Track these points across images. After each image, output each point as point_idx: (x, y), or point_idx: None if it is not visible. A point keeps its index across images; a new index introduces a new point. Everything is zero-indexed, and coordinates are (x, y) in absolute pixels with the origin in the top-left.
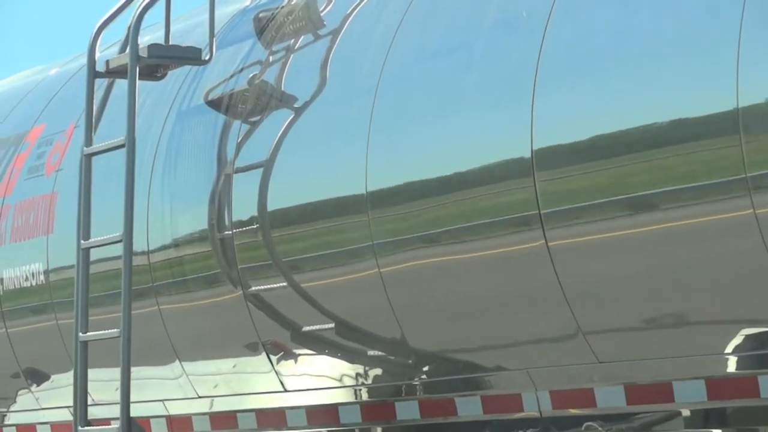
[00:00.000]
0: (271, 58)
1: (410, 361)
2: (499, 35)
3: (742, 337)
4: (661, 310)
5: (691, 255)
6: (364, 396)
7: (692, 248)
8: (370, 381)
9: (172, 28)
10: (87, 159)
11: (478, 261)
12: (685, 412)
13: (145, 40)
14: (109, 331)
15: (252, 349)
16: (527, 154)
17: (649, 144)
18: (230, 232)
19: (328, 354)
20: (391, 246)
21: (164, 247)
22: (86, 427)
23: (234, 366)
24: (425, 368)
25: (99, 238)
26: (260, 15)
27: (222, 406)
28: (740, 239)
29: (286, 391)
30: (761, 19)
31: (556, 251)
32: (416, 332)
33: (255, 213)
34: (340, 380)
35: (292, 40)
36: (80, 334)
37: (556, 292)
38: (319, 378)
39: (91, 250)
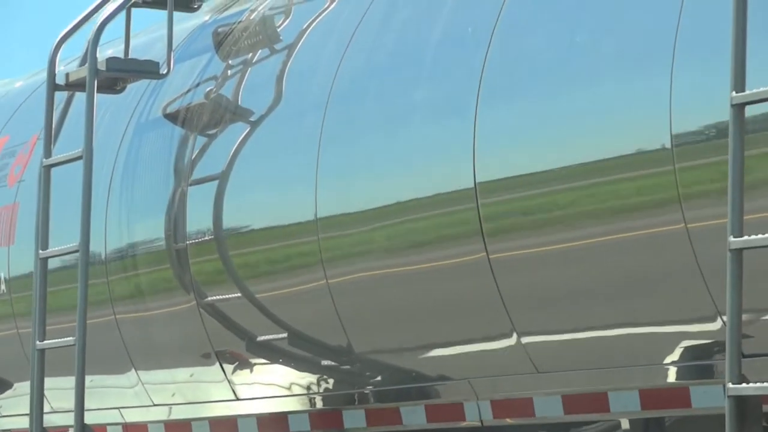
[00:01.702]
0: (227, 73)
1: (357, 371)
2: (445, 51)
3: (676, 348)
4: (597, 322)
5: (627, 268)
6: (313, 404)
7: (628, 261)
8: (318, 390)
9: (136, 42)
10: (46, 170)
11: (423, 273)
12: (625, 424)
13: (108, 53)
14: (65, 339)
15: (205, 358)
16: (469, 171)
17: (587, 159)
18: (185, 244)
19: (278, 363)
20: (338, 258)
21: (121, 258)
22: None
23: (188, 375)
24: (372, 377)
25: (57, 248)
26: (219, 29)
27: (176, 414)
28: (673, 252)
29: (238, 399)
30: (694, 37)
31: (497, 264)
32: (362, 342)
33: (210, 224)
34: (290, 389)
35: (249, 54)
36: (37, 342)
37: (496, 303)
38: (270, 387)
39: (56, 261)
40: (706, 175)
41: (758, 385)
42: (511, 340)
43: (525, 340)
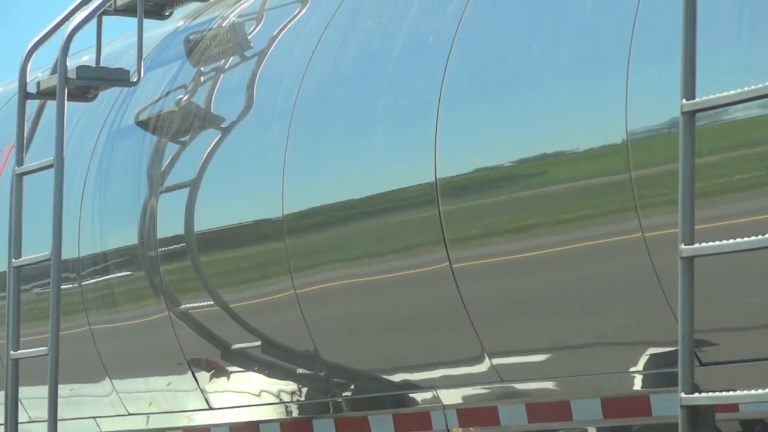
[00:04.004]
0: (198, 80)
1: (326, 380)
2: (407, 60)
3: (637, 357)
4: (559, 331)
5: (587, 277)
6: (284, 413)
7: (587, 270)
8: (288, 399)
9: (110, 50)
10: (18, 179)
11: (387, 282)
12: (592, 430)
13: (84, 60)
14: (38, 348)
15: (177, 367)
16: (431, 178)
17: (546, 167)
18: (156, 251)
19: (250, 372)
20: (305, 267)
21: (95, 267)
22: None
23: (161, 384)
24: (340, 386)
25: (30, 257)
26: (190, 37)
27: (151, 423)
28: (631, 261)
29: (211, 408)
30: (649, 46)
31: (460, 273)
32: (331, 351)
33: (181, 232)
34: (261, 397)
35: (221, 62)
36: (11, 352)
37: (460, 312)
38: (242, 395)
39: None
40: (663, 182)
41: (711, 394)
42: (476, 350)
43: (489, 349)
